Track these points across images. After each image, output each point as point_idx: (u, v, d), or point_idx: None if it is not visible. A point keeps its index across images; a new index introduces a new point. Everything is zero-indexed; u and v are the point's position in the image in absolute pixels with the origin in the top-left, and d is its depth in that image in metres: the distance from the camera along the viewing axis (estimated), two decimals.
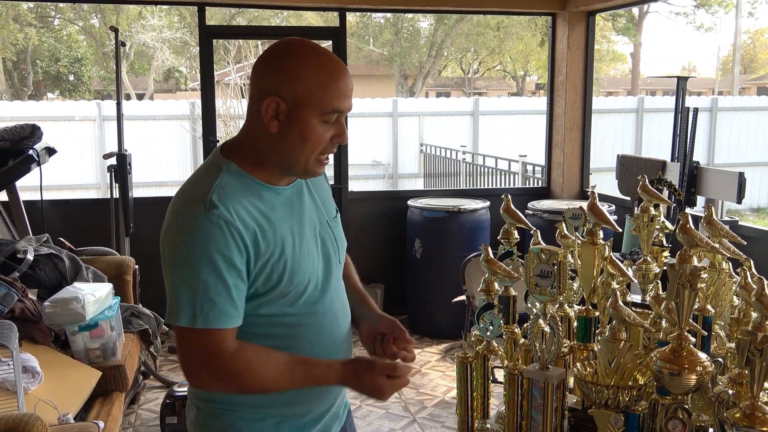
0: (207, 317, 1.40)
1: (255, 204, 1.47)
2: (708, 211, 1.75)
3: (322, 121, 1.46)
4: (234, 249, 1.40)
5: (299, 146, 1.47)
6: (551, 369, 1.53)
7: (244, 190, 1.47)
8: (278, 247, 1.47)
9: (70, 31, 20.59)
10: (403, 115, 13.04)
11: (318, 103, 1.44)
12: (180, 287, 1.41)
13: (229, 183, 1.46)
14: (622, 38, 24.79)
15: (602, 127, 12.24)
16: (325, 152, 1.50)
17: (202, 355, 1.43)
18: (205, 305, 1.39)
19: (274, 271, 1.47)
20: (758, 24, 31.58)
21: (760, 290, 1.36)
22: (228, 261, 1.40)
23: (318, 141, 1.47)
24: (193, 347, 1.43)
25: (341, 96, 1.45)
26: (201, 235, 1.39)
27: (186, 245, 1.40)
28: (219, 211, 1.40)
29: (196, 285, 1.39)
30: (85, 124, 11.81)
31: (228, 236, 1.40)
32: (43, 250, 3.95)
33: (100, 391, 3.25)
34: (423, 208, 5.29)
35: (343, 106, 1.46)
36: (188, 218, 1.41)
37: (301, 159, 1.48)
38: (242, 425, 1.54)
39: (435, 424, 3.96)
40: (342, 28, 5.34)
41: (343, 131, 1.49)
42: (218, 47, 12.57)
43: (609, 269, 1.73)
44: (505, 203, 1.89)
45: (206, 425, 1.57)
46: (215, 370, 1.44)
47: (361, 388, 1.51)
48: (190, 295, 1.40)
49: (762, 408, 1.27)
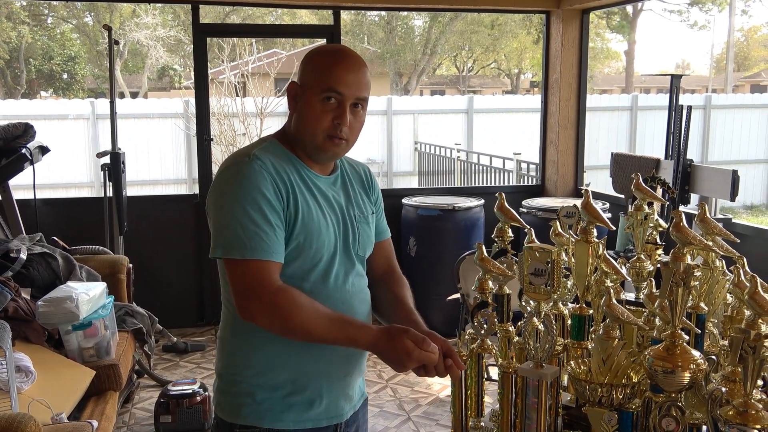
0: (255, 249, 1.54)
1: (289, 171, 1.64)
2: (702, 209, 1.75)
3: (322, 100, 1.62)
4: (275, 194, 1.58)
5: (304, 122, 1.65)
6: (545, 367, 1.53)
7: (283, 159, 1.66)
8: (302, 213, 1.62)
9: (63, 29, 20.52)
10: (397, 113, 13.04)
11: (318, 82, 1.62)
12: (230, 224, 1.56)
13: (271, 149, 1.67)
14: (617, 36, 24.84)
15: (596, 125, 12.26)
16: (331, 132, 1.63)
17: (252, 285, 1.54)
18: (253, 238, 1.54)
19: (296, 230, 1.61)
20: (752, 22, 31.69)
21: (754, 288, 1.37)
22: (270, 203, 1.57)
23: (317, 118, 1.62)
24: (245, 278, 1.55)
25: (339, 79, 1.61)
26: (248, 178, 1.57)
27: (235, 187, 1.57)
28: (262, 162, 1.60)
29: (245, 221, 1.55)
30: (78, 123, 11.76)
31: (269, 182, 1.58)
32: (36, 249, 3.94)
33: (94, 391, 3.24)
34: (417, 206, 5.29)
35: (339, 88, 1.61)
36: (235, 168, 1.60)
37: (308, 135, 1.65)
38: (257, 392, 1.66)
39: (429, 422, 3.96)
40: (336, 26, 5.33)
41: (342, 114, 1.62)
42: (212, 45, 12.54)
43: (603, 267, 1.73)
44: (500, 201, 1.89)
45: (226, 391, 1.70)
46: (263, 300, 1.54)
47: (389, 352, 1.54)
48: (239, 230, 1.55)
49: (755, 405, 1.27)
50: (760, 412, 1.27)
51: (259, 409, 1.66)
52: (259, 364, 1.66)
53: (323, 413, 1.70)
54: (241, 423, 1.67)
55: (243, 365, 1.68)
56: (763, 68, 30.21)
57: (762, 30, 30.96)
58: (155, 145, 11.74)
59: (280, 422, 1.66)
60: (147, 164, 11.42)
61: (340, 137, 1.64)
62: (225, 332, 1.73)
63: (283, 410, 1.66)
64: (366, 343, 1.57)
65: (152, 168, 11.52)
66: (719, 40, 32.03)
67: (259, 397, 1.66)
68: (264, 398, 1.66)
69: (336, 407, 1.72)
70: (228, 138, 11.27)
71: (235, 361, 1.69)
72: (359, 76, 1.64)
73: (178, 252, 5.24)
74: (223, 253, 1.57)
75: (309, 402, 1.68)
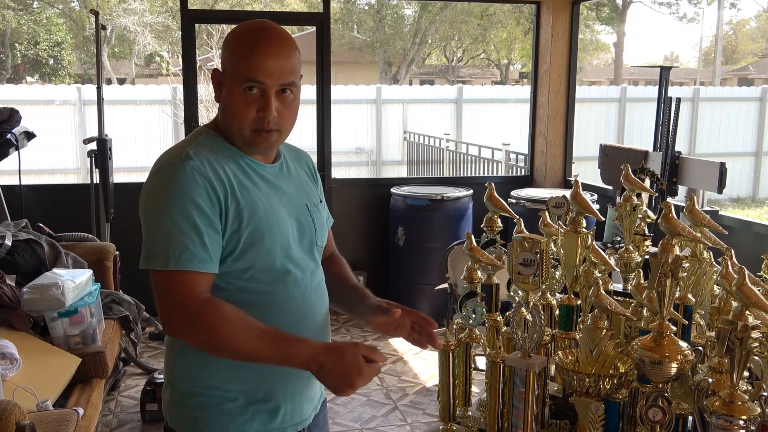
0: (180, 259, 1.43)
1: (230, 166, 1.52)
2: (690, 200, 1.75)
3: (243, 91, 1.48)
4: (206, 199, 1.45)
5: (229, 115, 1.52)
6: (533, 357, 1.53)
7: (221, 153, 1.53)
8: (249, 209, 1.50)
9: (49, 14, 20.29)
10: (386, 102, 13.01)
11: (237, 72, 1.48)
12: (155, 233, 1.45)
13: (207, 143, 1.54)
14: (606, 28, 24.89)
15: (585, 117, 12.28)
16: (257, 126, 1.50)
17: (175, 297, 1.44)
18: (177, 248, 1.43)
19: (244, 229, 1.49)
20: (740, 15, 31.83)
21: (741, 280, 1.37)
22: (200, 209, 1.44)
23: (241, 111, 1.49)
24: (168, 290, 1.45)
25: (258, 67, 1.47)
26: (176, 183, 1.45)
27: (162, 193, 1.46)
28: (193, 163, 1.46)
29: (171, 229, 1.44)
30: (64, 108, 11.66)
31: (201, 186, 1.45)
32: (21, 235, 3.90)
33: (80, 378, 3.23)
34: (406, 195, 5.28)
35: (259, 77, 1.47)
36: (165, 170, 1.48)
37: (235, 128, 1.52)
38: (217, 403, 1.55)
39: (416, 411, 3.97)
40: (326, 14, 5.30)
41: (266, 105, 1.49)
42: (201, 32, 12.45)
43: (591, 258, 1.73)
44: (489, 191, 1.89)
45: (182, 404, 1.58)
46: (187, 314, 1.44)
47: (337, 367, 1.40)
48: (164, 239, 1.44)
49: (741, 396, 1.28)
50: (745, 403, 1.28)
51: (221, 421, 1.54)
52: (219, 374, 1.54)
53: (288, 419, 1.60)
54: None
55: (200, 375, 1.55)
56: (751, 61, 30.36)
57: (750, 23, 31.12)
58: (143, 132, 11.66)
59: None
60: (134, 151, 11.35)
61: (269, 129, 1.51)
62: (173, 340, 1.59)
63: (247, 421, 1.55)
64: (304, 359, 1.42)
65: (139, 155, 11.44)
66: (708, 33, 32.14)
67: (220, 408, 1.54)
68: (225, 410, 1.54)
69: (300, 412, 1.63)
70: None
71: (191, 370, 1.56)
72: (281, 61, 1.48)
73: None
74: (146, 264, 1.46)
75: (274, 410, 1.58)
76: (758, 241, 3.97)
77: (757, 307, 1.37)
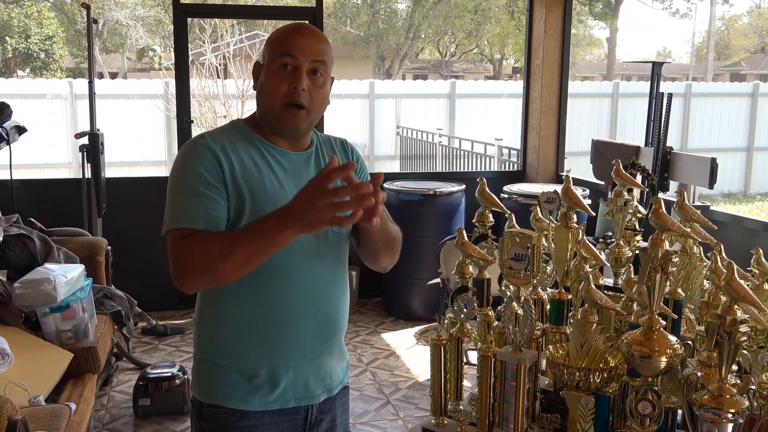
0: (176, 218, 1.55)
1: (247, 150, 1.63)
2: (680, 196, 1.76)
3: (278, 68, 1.61)
4: (209, 168, 1.56)
5: (264, 95, 1.64)
6: (524, 351, 1.54)
7: (240, 138, 1.65)
8: (256, 190, 1.58)
9: (40, 7, 20.16)
10: (379, 96, 13.00)
11: (274, 53, 1.62)
12: (167, 204, 1.58)
13: (232, 131, 1.67)
14: (599, 23, 24.91)
15: (578, 112, 12.31)
16: (288, 100, 1.60)
17: (171, 251, 1.52)
18: (177, 210, 1.55)
19: (248, 205, 1.58)
20: (733, 11, 31.93)
21: (730, 275, 1.38)
22: (202, 176, 1.55)
23: (274, 87, 1.61)
24: (169, 248, 1.53)
25: (292, 44, 1.60)
26: (186, 158, 1.59)
27: (175, 170, 1.60)
28: (204, 141, 1.60)
29: (176, 198, 1.57)
30: (56, 103, 11.61)
31: (206, 159, 1.57)
32: (13, 230, 3.89)
33: (72, 373, 3.22)
34: (399, 190, 5.28)
35: (292, 51, 1.59)
36: (181, 151, 1.63)
37: (267, 107, 1.63)
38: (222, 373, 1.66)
39: (409, 405, 3.99)
40: (319, 8, 5.29)
41: (298, 78, 1.59)
42: (193, 26, 12.40)
43: (582, 253, 1.74)
44: (481, 187, 1.89)
45: (198, 371, 1.72)
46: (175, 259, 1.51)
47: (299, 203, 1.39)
48: (171, 208, 1.57)
49: (729, 390, 1.29)
50: (734, 397, 1.29)
51: (226, 390, 1.66)
52: (224, 346, 1.66)
53: (290, 393, 1.68)
54: (209, 402, 1.68)
55: (210, 346, 1.69)
56: (743, 57, 30.46)
57: (743, 19, 31.20)
58: (134, 126, 11.61)
59: (246, 404, 1.65)
60: (126, 145, 11.30)
61: (298, 104, 1.60)
62: (196, 313, 1.74)
63: (249, 392, 1.66)
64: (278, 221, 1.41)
65: (131, 149, 11.40)
66: (700, 28, 32.25)
67: (225, 378, 1.66)
68: (230, 379, 1.66)
69: (305, 388, 1.70)
70: (208, 120, 11.17)
71: (204, 341, 1.70)
72: (313, 41, 1.62)
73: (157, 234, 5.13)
74: (163, 232, 1.58)
75: (274, 383, 1.66)
76: (748, 236, 3.99)
77: (745, 302, 1.38)
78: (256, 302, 1.63)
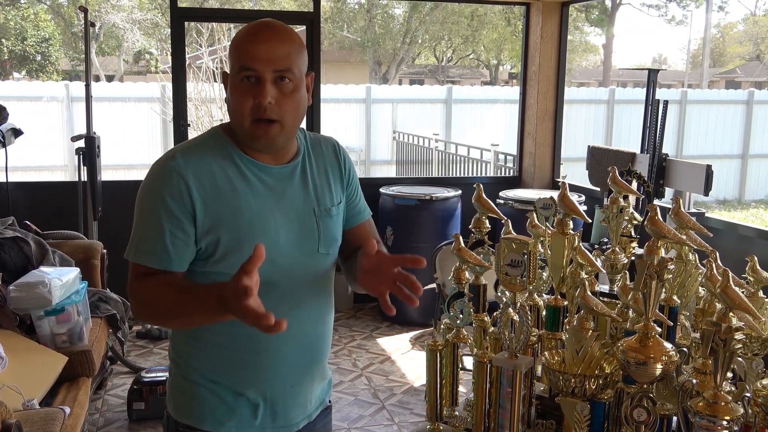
0: (136, 251, 1.52)
1: (223, 167, 1.53)
2: (676, 203, 1.77)
3: (240, 81, 1.49)
4: (177, 199, 1.48)
5: (232, 110, 1.52)
6: (520, 357, 1.54)
7: (217, 152, 1.54)
8: (231, 215, 1.50)
9: (37, 10, 20.14)
10: (376, 101, 13.01)
11: (232, 62, 1.51)
12: (134, 225, 1.54)
13: (208, 143, 1.56)
14: (595, 29, 24.98)
15: (574, 118, 12.33)
16: (255, 115, 1.48)
17: (130, 285, 1.52)
18: (140, 243, 1.51)
19: (223, 235, 1.50)
20: (728, 18, 32.06)
21: (725, 282, 1.39)
22: (167, 208, 1.48)
23: (239, 103, 1.49)
24: (129, 280, 1.53)
25: (249, 55, 1.47)
26: (154, 181, 1.51)
27: (143, 189, 1.53)
28: (175, 164, 1.49)
29: (139, 224, 1.52)
30: (52, 105, 11.59)
31: (175, 187, 1.48)
32: (7, 233, 3.88)
33: (67, 377, 3.21)
34: (395, 195, 5.29)
35: (251, 64, 1.46)
36: (152, 168, 1.54)
37: (237, 123, 1.52)
38: (199, 393, 1.59)
39: (404, 411, 3.98)
40: (316, 13, 5.30)
41: (261, 91, 1.46)
42: (190, 29, 12.40)
43: (578, 259, 1.74)
44: (477, 192, 1.90)
45: (174, 386, 1.65)
46: (133, 298, 1.52)
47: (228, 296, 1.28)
48: (134, 233, 1.53)
49: (724, 397, 1.30)
50: (729, 404, 1.29)
51: (201, 410, 1.58)
52: (202, 365, 1.58)
53: (268, 421, 1.60)
54: (183, 422, 1.60)
55: (188, 363, 1.61)
56: (738, 64, 30.57)
57: (738, 27, 31.32)
58: (131, 130, 11.60)
59: (221, 427, 1.57)
60: (122, 148, 11.28)
61: (267, 118, 1.47)
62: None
63: (225, 414, 1.58)
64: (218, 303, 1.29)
65: (128, 152, 11.38)
66: (696, 35, 32.36)
67: (202, 398, 1.58)
68: (206, 400, 1.58)
69: (285, 416, 1.62)
70: (205, 124, 11.16)
71: (181, 358, 1.62)
72: (273, 47, 1.46)
73: None
74: (125, 256, 1.55)
75: (252, 409, 1.59)
76: (744, 243, 4.00)
77: (740, 309, 1.39)
78: (235, 325, 1.33)
